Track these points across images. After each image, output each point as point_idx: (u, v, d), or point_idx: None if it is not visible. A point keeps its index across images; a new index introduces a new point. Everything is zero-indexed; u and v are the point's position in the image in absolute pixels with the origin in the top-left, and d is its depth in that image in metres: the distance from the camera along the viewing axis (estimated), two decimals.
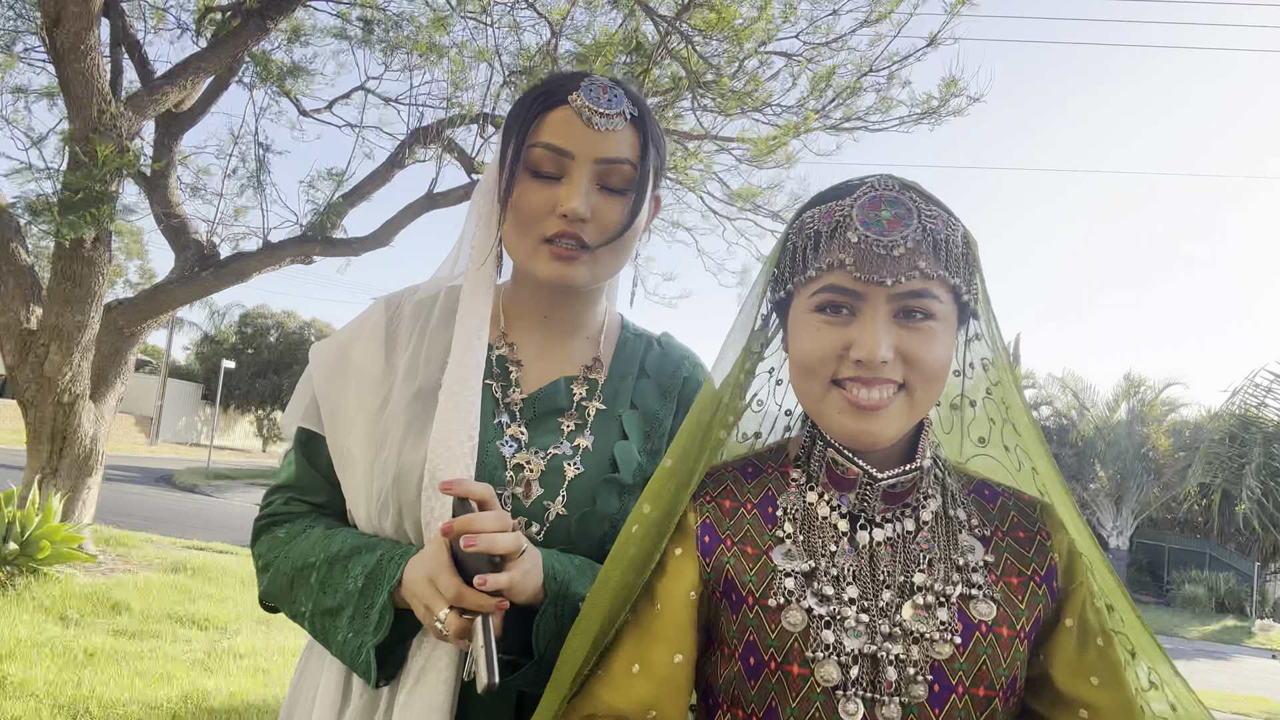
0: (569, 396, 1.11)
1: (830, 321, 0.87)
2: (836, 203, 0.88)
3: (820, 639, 0.84)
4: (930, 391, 0.87)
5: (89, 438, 6.39)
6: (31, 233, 6.38)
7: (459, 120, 7.53)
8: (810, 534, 0.90)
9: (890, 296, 0.84)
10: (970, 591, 0.86)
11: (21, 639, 4.35)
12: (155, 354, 33.89)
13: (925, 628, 0.84)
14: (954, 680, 0.83)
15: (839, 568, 0.87)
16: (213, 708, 3.84)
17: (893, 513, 0.90)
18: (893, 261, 0.84)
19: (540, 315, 1.15)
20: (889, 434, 0.86)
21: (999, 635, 0.85)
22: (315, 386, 1.12)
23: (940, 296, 0.86)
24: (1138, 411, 20.81)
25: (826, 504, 0.91)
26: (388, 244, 7.53)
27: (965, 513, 0.92)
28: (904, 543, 0.89)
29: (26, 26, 7.02)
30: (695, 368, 1.20)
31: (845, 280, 0.85)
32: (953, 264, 0.86)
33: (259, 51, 7.08)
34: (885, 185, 0.87)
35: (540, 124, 1.04)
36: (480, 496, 0.91)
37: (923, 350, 0.85)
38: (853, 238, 0.85)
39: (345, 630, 0.98)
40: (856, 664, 0.83)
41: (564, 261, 1.04)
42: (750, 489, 0.95)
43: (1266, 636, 15.77)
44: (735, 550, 0.91)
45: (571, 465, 1.06)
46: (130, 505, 12.57)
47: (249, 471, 22.87)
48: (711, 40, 6.47)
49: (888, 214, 0.85)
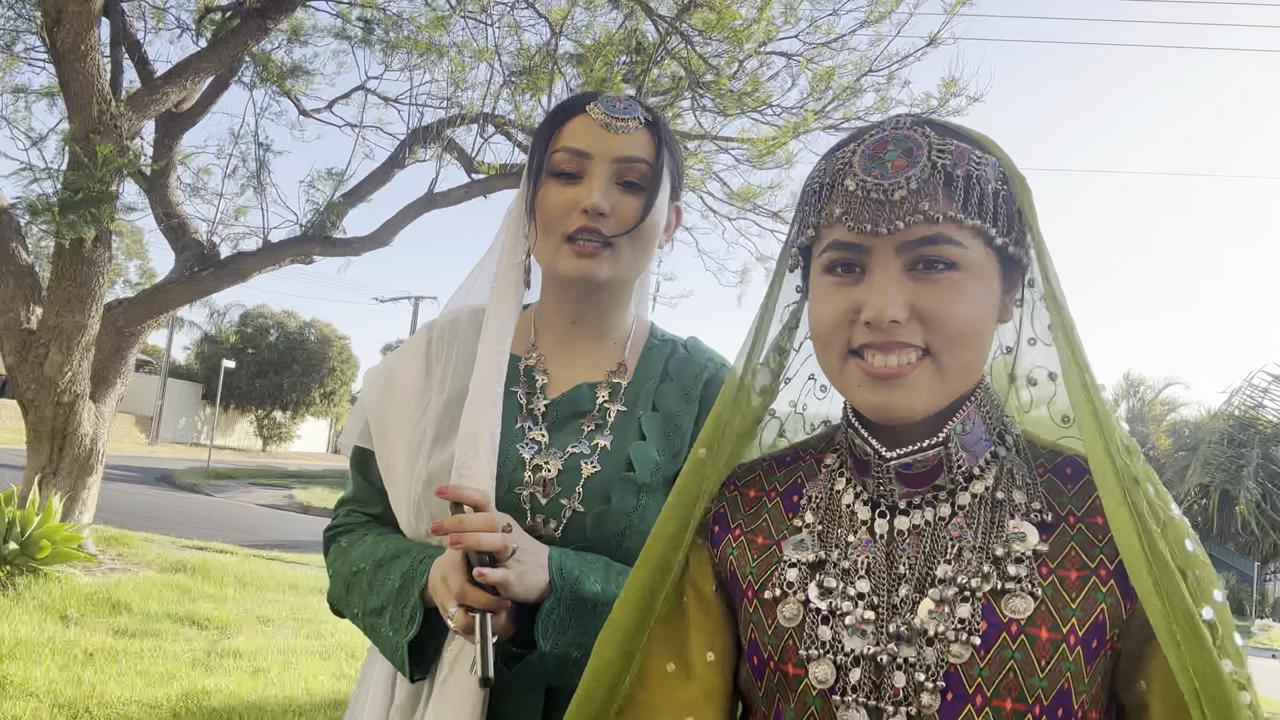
0: (592, 400, 1.15)
1: (841, 283, 0.77)
2: (841, 150, 0.79)
3: (816, 635, 0.76)
4: (960, 355, 0.75)
5: (89, 438, 6.39)
6: (31, 233, 6.39)
7: (459, 120, 7.53)
8: (830, 523, 0.81)
9: (899, 247, 0.74)
10: (1005, 585, 0.72)
11: (21, 639, 4.36)
12: (155, 354, 33.90)
13: (942, 627, 0.72)
14: (971, 689, 0.71)
15: (851, 559, 0.78)
16: (213, 708, 3.84)
17: (920, 498, 0.79)
18: (892, 206, 0.73)
19: (568, 321, 1.19)
20: (917, 406, 0.75)
21: (1034, 638, 0.71)
22: (366, 407, 1.21)
23: (963, 241, 0.74)
24: (1137, 411, 20.82)
25: (851, 491, 0.82)
26: (388, 244, 7.53)
27: (1026, 495, 0.77)
28: (933, 531, 0.77)
29: (26, 26, 7.02)
30: (719, 368, 1.22)
31: (843, 234, 0.76)
32: (976, 203, 0.74)
33: (259, 51, 7.08)
34: (896, 125, 0.78)
35: (561, 132, 1.12)
36: (473, 501, 0.96)
37: (942, 305, 0.73)
38: (850, 185, 0.75)
39: (387, 628, 1.05)
40: (857, 666, 0.74)
41: (586, 257, 1.09)
42: (780, 477, 0.89)
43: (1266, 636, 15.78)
44: (742, 540, 0.85)
45: (588, 464, 1.09)
46: (130, 505, 12.58)
47: (249, 471, 22.87)
48: (711, 40, 6.47)
49: (893, 155, 0.75)
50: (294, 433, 36.70)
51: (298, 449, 37.61)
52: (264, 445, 35.74)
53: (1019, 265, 0.80)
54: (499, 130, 7.59)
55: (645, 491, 1.09)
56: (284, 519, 14.57)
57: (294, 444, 37.13)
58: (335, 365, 34.90)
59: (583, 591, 0.99)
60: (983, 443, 0.80)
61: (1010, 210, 0.77)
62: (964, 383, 0.77)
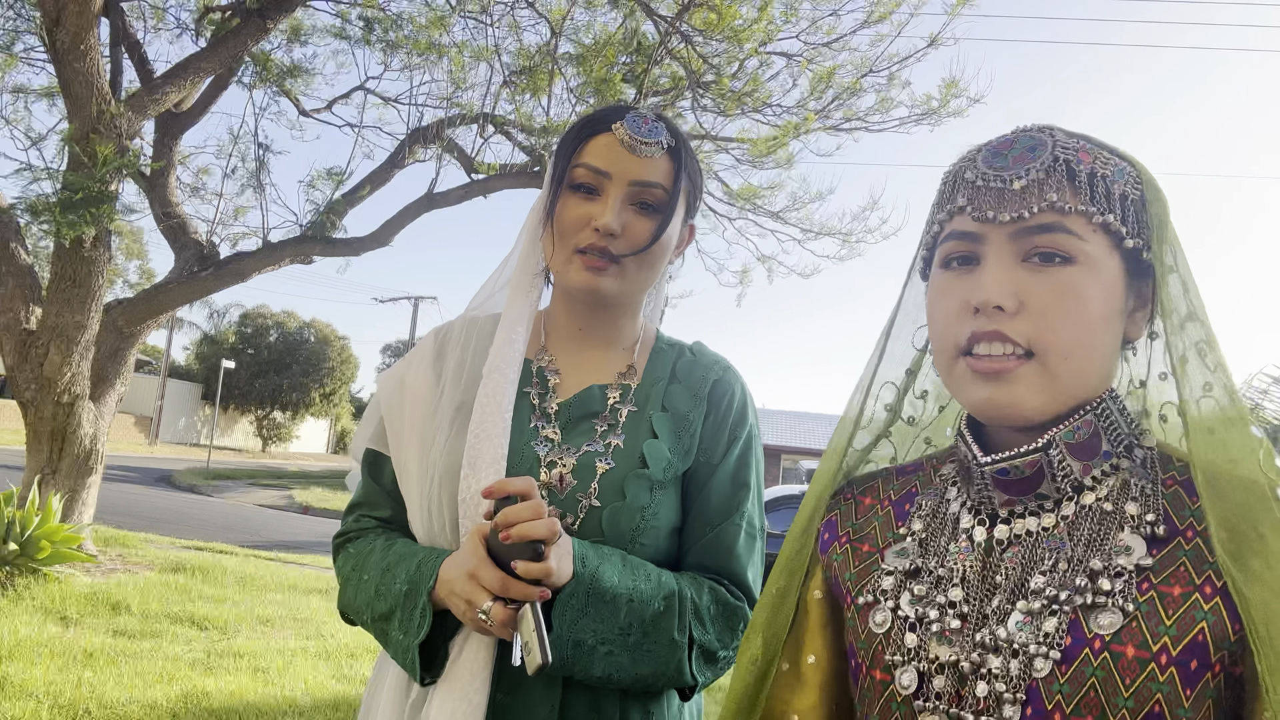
0: (603, 401, 1.17)
1: (957, 275, 0.76)
2: (969, 152, 0.80)
3: (902, 642, 0.76)
4: (1071, 357, 0.71)
5: (89, 438, 6.39)
6: (31, 233, 6.38)
7: (459, 120, 7.53)
8: (934, 531, 0.81)
9: (1012, 235, 0.73)
10: (1095, 600, 0.69)
11: (21, 639, 4.35)
12: (155, 354, 33.90)
13: (1027, 639, 0.70)
14: (1050, 705, 0.68)
15: (948, 567, 0.77)
16: (213, 708, 3.84)
17: (1024, 507, 0.76)
18: (1012, 195, 0.73)
19: (576, 328, 1.22)
20: (1024, 405, 0.72)
21: (1118, 655, 0.67)
22: (380, 409, 1.23)
23: (1082, 234, 0.72)
24: None
25: (959, 500, 0.81)
26: (387, 244, 7.53)
27: (1140, 507, 0.73)
28: (1034, 541, 0.75)
29: (26, 26, 7.02)
30: (725, 371, 1.24)
31: (963, 224, 0.76)
32: (1102, 199, 0.72)
33: (259, 51, 7.08)
34: (1024, 128, 0.78)
35: (585, 147, 1.15)
36: (519, 490, 0.98)
37: (1052, 298, 0.71)
38: (970, 176, 0.76)
39: (397, 632, 1.06)
40: (940, 674, 0.73)
41: (594, 272, 1.13)
42: (896, 485, 0.88)
43: None
44: (847, 547, 0.86)
45: (603, 462, 1.11)
46: (130, 506, 12.57)
47: (249, 471, 22.87)
48: (711, 40, 6.47)
49: (1017, 150, 0.75)
50: (294, 433, 36.71)
51: (297, 449, 37.61)
52: (264, 445, 35.73)
53: (1149, 277, 0.77)
54: (499, 130, 7.59)
55: (659, 488, 1.11)
56: (283, 519, 14.57)
57: (294, 444, 37.13)
58: (335, 365, 34.90)
59: (602, 582, 1.01)
60: (1103, 453, 0.76)
61: (1141, 216, 0.75)
62: (1079, 389, 0.74)
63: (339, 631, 5.64)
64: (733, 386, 1.21)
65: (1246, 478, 0.69)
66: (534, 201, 1.26)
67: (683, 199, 1.18)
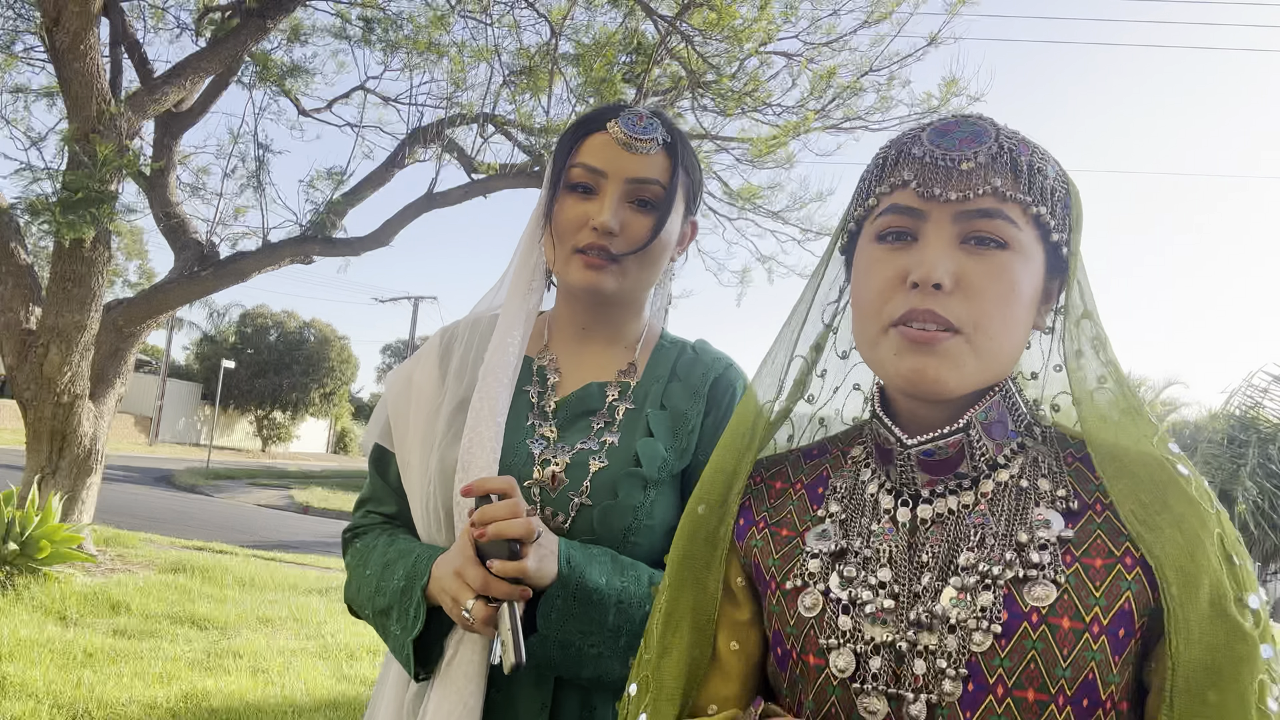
0: (601, 399, 1.17)
1: (892, 249, 0.77)
2: (907, 131, 0.81)
3: (836, 625, 0.76)
4: (995, 337, 0.74)
5: (88, 438, 6.39)
6: (31, 233, 6.38)
7: (459, 120, 7.53)
8: (853, 513, 0.81)
9: (955, 216, 0.74)
10: (1027, 573, 0.71)
11: (21, 639, 4.35)
12: (155, 354, 33.90)
13: (964, 614, 0.71)
14: (992, 679, 0.70)
15: (874, 548, 0.78)
16: (212, 708, 3.83)
17: (944, 486, 0.78)
18: (960, 175, 0.74)
19: (579, 327, 1.22)
20: (950, 379, 0.74)
21: (1055, 627, 0.69)
22: (387, 407, 1.24)
23: (1018, 222, 0.74)
24: None
25: (875, 481, 0.82)
26: (387, 244, 7.53)
27: (1051, 483, 0.76)
28: (956, 519, 0.77)
29: (26, 26, 7.02)
30: (726, 368, 1.23)
31: (907, 198, 0.76)
32: (1038, 190, 0.75)
33: (259, 51, 7.08)
34: (967, 115, 0.80)
35: (580, 146, 1.15)
36: (498, 488, 0.99)
37: (986, 281, 0.73)
38: (918, 152, 0.76)
39: (394, 628, 1.07)
40: (877, 654, 0.73)
41: (593, 269, 1.13)
42: (806, 469, 0.88)
43: None
44: (766, 533, 0.85)
45: (596, 460, 1.11)
46: (130, 505, 12.57)
47: (249, 471, 22.87)
48: (711, 40, 6.47)
49: (961, 133, 0.77)
50: (293, 433, 36.70)
51: (297, 449, 37.62)
52: (263, 445, 35.73)
53: (1061, 272, 0.80)
54: (499, 130, 7.59)
55: (652, 487, 1.11)
56: (283, 519, 14.57)
57: (293, 444, 37.13)
58: (335, 365, 34.89)
59: (588, 583, 1.01)
60: (1009, 433, 0.79)
61: (1065, 213, 0.78)
62: (995, 369, 0.76)
63: (339, 631, 5.64)
64: (734, 384, 1.21)
65: (1150, 454, 0.73)
66: (535, 202, 1.26)
67: (681, 194, 1.17)
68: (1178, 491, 0.71)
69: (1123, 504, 0.72)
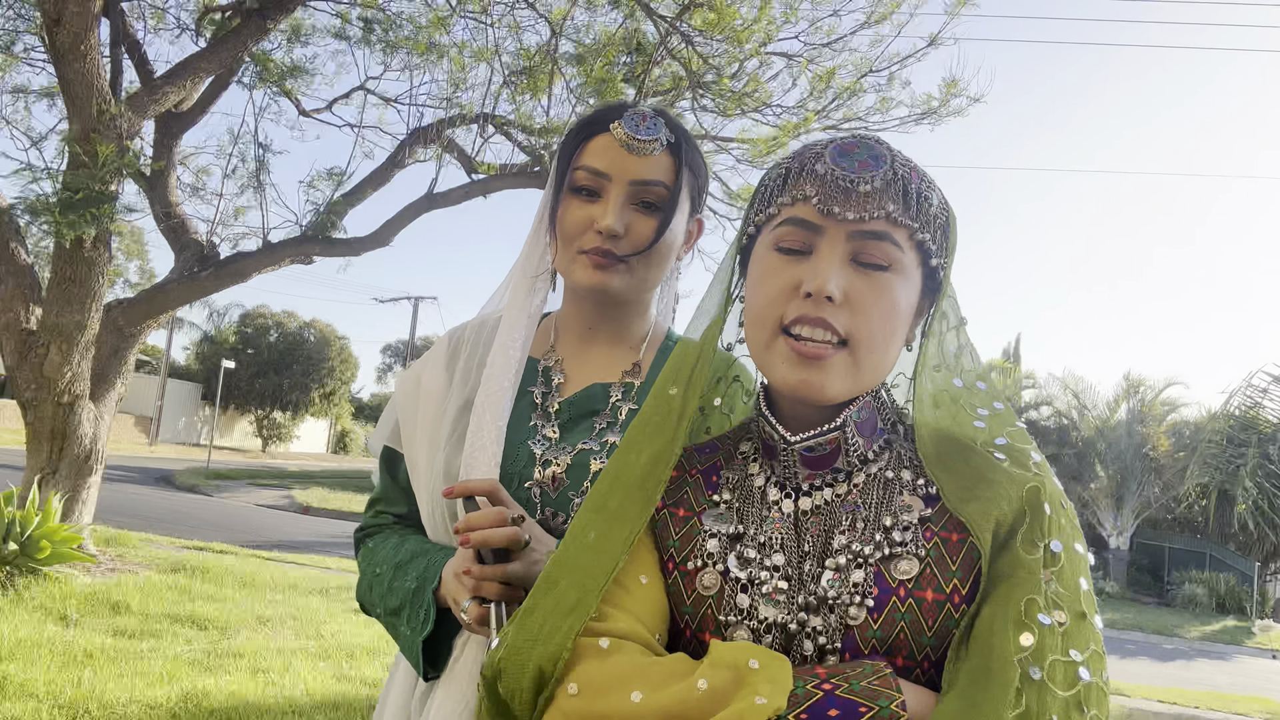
0: (605, 399, 1.18)
1: (787, 260, 0.82)
2: (811, 146, 0.87)
3: (734, 603, 0.81)
4: (875, 352, 0.81)
5: (89, 438, 6.39)
6: (31, 233, 6.39)
7: (459, 120, 7.53)
8: (744, 503, 0.87)
9: (850, 234, 0.80)
10: (892, 550, 0.79)
11: (21, 639, 4.35)
12: (155, 354, 33.90)
13: (840, 592, 0.78)
14: (866, 649, 0.76)
15: (767, 534, 0.84)
16: (213, 708, 3.84)
17: (821, 480, 0.85)
18: (857, 197, 0.80)
19: (585, 328, 1.22)
20: (831, 389, 0.80)
21: (920, 599, 0.76)
22: (397, 408, 1.25)
23: (903, 246, 0.81)
24: (1138, 411, 20.81)
25: (763, 475, 0.88)
26: (387, 244, 7.53)
27: (913, 473, 0.85)
28: (831, 509, 0.84)
29: (26, 26, 7.02)
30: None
31: (807, 213, 0.81)
32: (924, 218, 0.82)
33: (259, 51, 7.08)
34: (865, 136, 0.86)
35: (584, 149, 1.15)
36: (481, 490, 1.00)
37: (871, 299, 0.80)
38: (820, 170, 0.82)
39: (405, 627, 1.09)
40: (769, 633, 0.79)
41: (599, 269, 1.14)
42: (700, 461, 0.93)
43: (1266, 636, 15.77)
44: (665, 513, 0.89)
45: (597, 460, 1.12)
46: (130, 506, 12.57)
47: (249, 472, 22.87)
48: (712, 40, 6.47)
49: (861, 155, 0.82)
50: (294, 433, 36.69)
51: (297, 449, 37.62)
52: (264, 445, 35.72)
53: (934, 292, 0.87)
54: (499, 130, 7.59)
55: None
56: (284, 519, 14.57)
57: (294, 444, 37.13)
58: (335, 365, 34.89)
59: None
60: (878, 430, 0.87)
61: (945, 238, 0.85)
62: (872, 379, 0.83)
63: (339, 631, 5.64)
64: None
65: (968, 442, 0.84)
66: (535, 202, 1.27)
67: (686, 194, 1.18)
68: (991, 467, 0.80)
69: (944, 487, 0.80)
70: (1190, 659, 12.47)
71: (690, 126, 7.31)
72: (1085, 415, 21.21)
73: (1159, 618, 16.42)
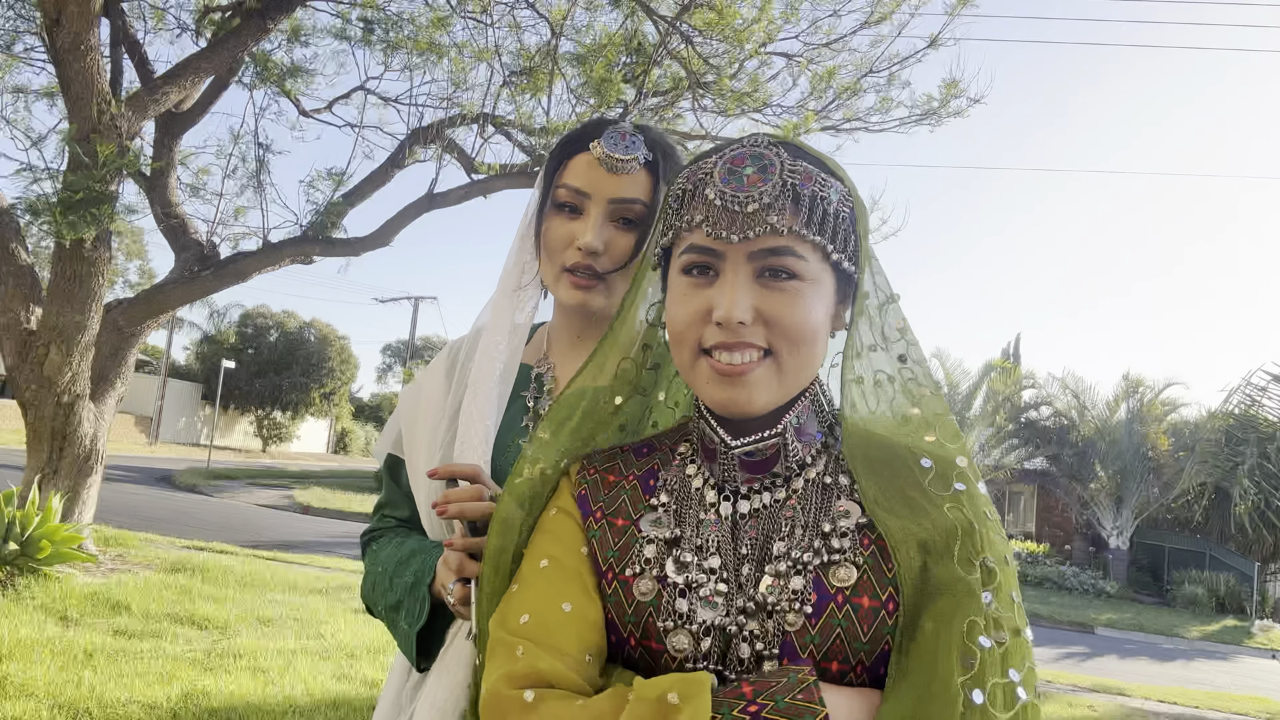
0: None
1: (696, 284, 0.84)
2: (703, 162, 0.87)
3: (673, 608, 0.81)
4: (798, 357, 0.83)
5: (89, 438, 6.39)
6: (31, 233, 6.39)
7: (459, 120, 7.53)
8: (682, 505, 0.87)
9: (750, 255, 0.81)
10: (831, 558, 0.80)
11: (21, 639, 4.36)
12: (155, 354, 33.89)
13: (779, 599, 0.79)
14: (804, 654, 0.77)
15: (704, 537, 0.84)
16: (213, 708, 3.84)
17: (760, 483, 0.86)
18: (745, 218, 0.81)
19: (574, 336, 1.28)
20: (758, 402, 0.82)
21: (857, 606, 0.77)
22: (400, 417, 1.30)
23: (805, 255, 0.82)
24: (1137, 411, 20.79)
25: (700, 476, 0.89)
26: (388, 244, 7.53)
27: (849, 478, 0.86)
28: (769, 514, 0.85)
29: (26, 27, 7.02)
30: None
31: (702, 239, 0.83)
32: (819, 222, 0.82)
33: (259, 51, 7.08)
34: (754, 142, 0.86)
35: (565, 167, 1.20)
36: (464, 473, 1.05)
37: (784, 311, 0.81)
38: (710, 194, 0.83)
39: (403, 622, 1.13)
40: (708, 636, 0.79)
41: (581, 289, 1.18)
42: (637, 465, 0.94)
43: (1266, 636, 15.75)
44: (603, 523, 0.89)
45: None
46: (130, 505, 12.58)
47: (249, 472, 22.87)
48: (712, 40, 6.47)
49: (750, 170, 0.83)
50: (294, 433, 36.69)
51: (297, 449, 37.61)
52: (264, 445, 35.72)
53: (852, 281, 0.88)
54: (499, 130, 7.59)
55: None
56: (284, 519, 14.57)
57: (294, 444, 37.12)
58: (335, 365, 34.88)
59: None
60: (816, 435, 0.89)
61: (848, 230, 0.85)
62: (800, 382, 0.85)
63: (339, 631, 5.64)
64: None
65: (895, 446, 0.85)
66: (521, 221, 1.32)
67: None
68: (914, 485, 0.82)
69: (866, 493, 0.82)
70: (1190, 659, 12.47)
71: (690, 127, 7.31)
72: (1085, 415, 21.19)
73: (1159, 618, 16.41)
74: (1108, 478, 20.62)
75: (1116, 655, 11.55)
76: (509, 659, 0.79)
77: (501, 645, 0.81)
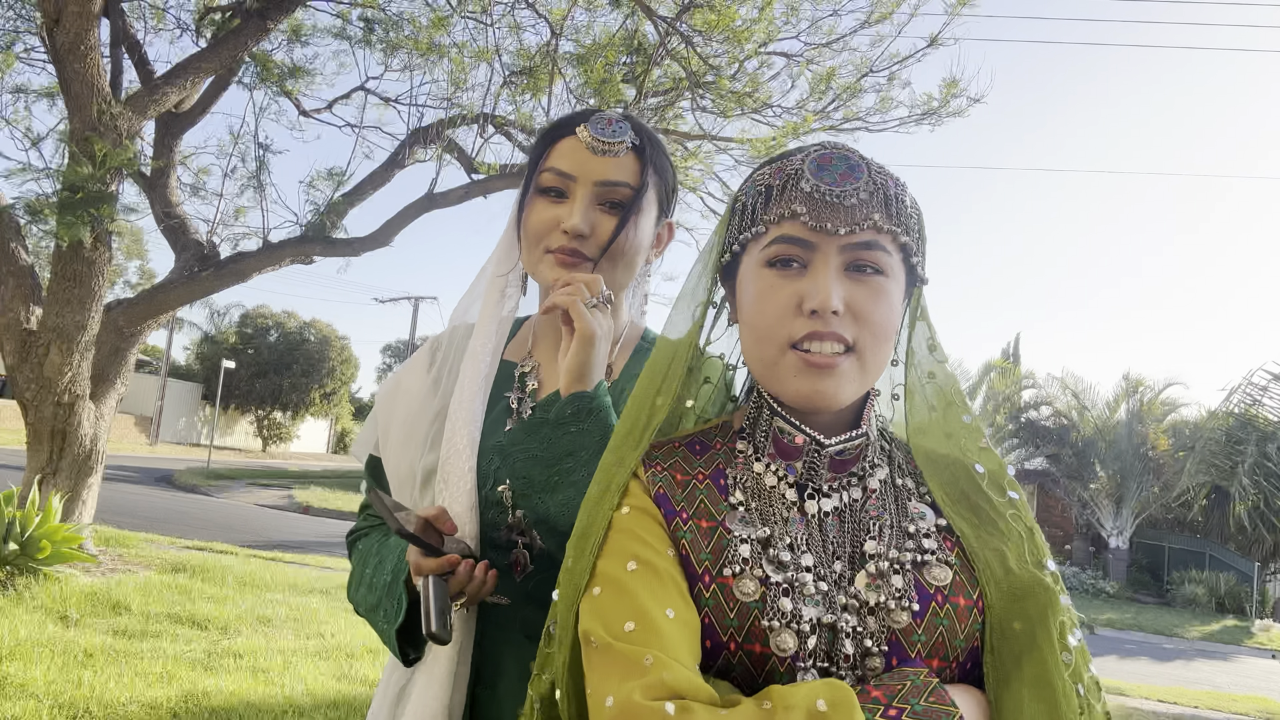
0: None
1: (783, 276, 0.85)
2: (787, 160, 0.88)
3: (778, 607, 0.79)
4: (879, 353, 0.85)
5: (89, 438, 6.39)
6: (31, 233, 6.38)
7: (459, 120, 7.53)
8: (762, 503, 0.86)
9: (842, 247, 0.83)
10: (924, 558, 0.82)
11: (21, 639, 4.36)
12: (155, 354, 33.90)
13: (881, 597, 0.79)
14: (912, 652, 0.78)
15: (792, 536, 0.83)
16: (213, 708, 3.84)
17: (840, 481, 0.87)
18: (846, 210, 0.83)
19: (559, 331, 1.21)
20: (843, 395, 0.83)
21: (955, 605, 0.80)
22: (377, 416, 1.27)
23: (891, 252, 0.85)
24: (1137, 411, 20.79)
25: (774, 474, 0.88)
26: (388, 244, 7.53)
27: (914, 480, 0.89)
28: (852, 512, 0.86)
29: (26, 26, 7.02)
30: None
31: (798, 230, 0.84)
32: (905, 221, 0.85)
33: (259, 51, 7.08)
34: (834, 146, 0.88)
35: (551, 151, 1.18)
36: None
37: (871, 305, 0.83)
38: (805, 187, 0.84)
39: (382, 621, 1.12)
40: (815, 634, 0.78)
41: (565, 267, 1.14)
42: (700, 463, 0.91)
43: (1266, 636, 15.75)
44: (691, 524, 0.85)
45: None
46: (130, 505, 12.58)
47: (249, 472, 22.86)
48: (712, 41, 6.47)
49: (839, 168, 0.85)
50: (294, 433, 36.70)
51: (298, 449, 37.61)
52: (264, 445, 35.72)
53: (912, 288, 0.91)
54: (499, 130, 7.59)
55: None
56: (284, 519, 14.57)
57: (294, 444, 37.13)
58: (335, 365, 34.89)
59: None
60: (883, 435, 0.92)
61: (920, 234, 0.88)
62: (874, 380, 0.87)
63: (339, 631, 5.64)
64: None
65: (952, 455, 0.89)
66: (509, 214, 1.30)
67: (653, 196, 1.19)
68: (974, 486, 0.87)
69: (937, 495, 0.86)
70: (1190, 659, 12.46)
71: (690, 127, 7.31)
72: (1085, 415, 21.18)
73: (1159, 617, 16.41)
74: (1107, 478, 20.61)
75: (1116, 655, 11.55)
76: (636, 669, 0.73)
77: (622, 653, 0.75)
